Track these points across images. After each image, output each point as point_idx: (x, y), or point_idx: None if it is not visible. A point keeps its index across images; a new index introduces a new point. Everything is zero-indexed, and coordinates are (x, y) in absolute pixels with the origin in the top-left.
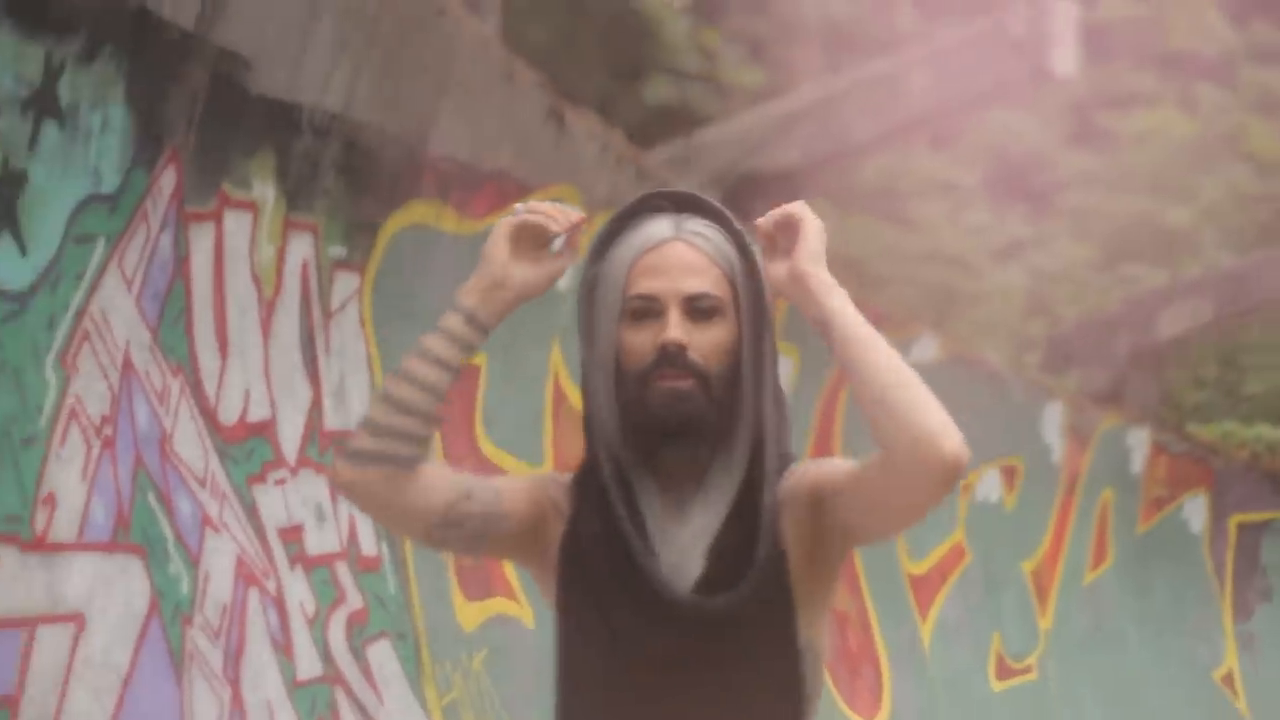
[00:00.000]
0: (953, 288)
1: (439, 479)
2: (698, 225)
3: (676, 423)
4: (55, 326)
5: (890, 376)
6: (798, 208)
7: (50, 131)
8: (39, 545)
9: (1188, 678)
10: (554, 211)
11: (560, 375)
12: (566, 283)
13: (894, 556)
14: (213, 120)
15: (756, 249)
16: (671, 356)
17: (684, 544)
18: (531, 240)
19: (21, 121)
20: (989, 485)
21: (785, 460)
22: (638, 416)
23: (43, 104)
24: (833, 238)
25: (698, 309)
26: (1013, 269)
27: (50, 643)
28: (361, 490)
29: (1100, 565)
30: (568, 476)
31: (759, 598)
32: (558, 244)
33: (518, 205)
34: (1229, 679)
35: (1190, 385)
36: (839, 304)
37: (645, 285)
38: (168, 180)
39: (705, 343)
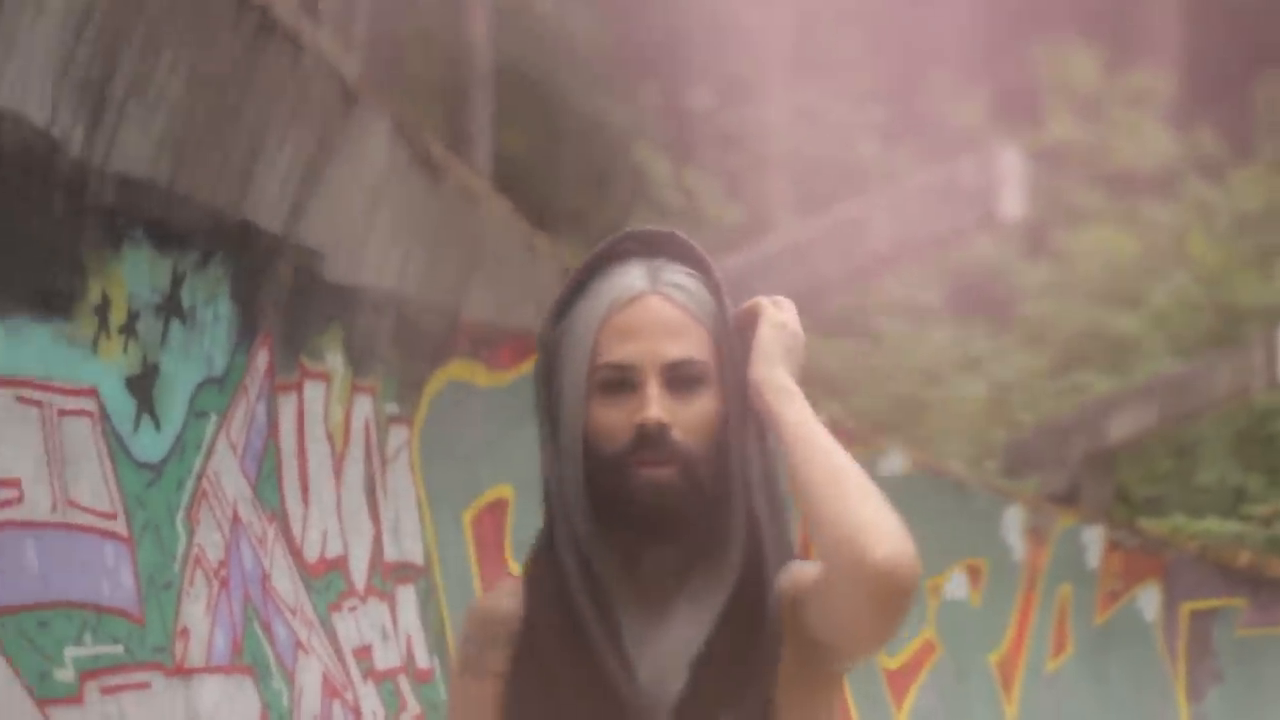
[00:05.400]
0: (919, 398)
1: None
2: (675, 275)
3: (658, 520)
4: (182, 489)
5: (830, 480)
6: (757, 304)
7: (176, 329)
8: (179, 670)
9: None
10: None
11: None
12: None
13: None
14: (294, 306)
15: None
16: (651, 439)
17: (665, 654)
18: None
19: (155, 323)
20: (956, 584)
21: (785, 553)
22: (613, 512)
23: (170, 307)
24: (807, 355)
25: (679, 378)
26: (974, 379)
27: None
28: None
29: (1061, 654)
30: (512, 583)
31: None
32: None
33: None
34: None
35: (1143, 481)
36: (789, 411)
37: (618, 352)
38: (261, 359)
39: (689, 418)
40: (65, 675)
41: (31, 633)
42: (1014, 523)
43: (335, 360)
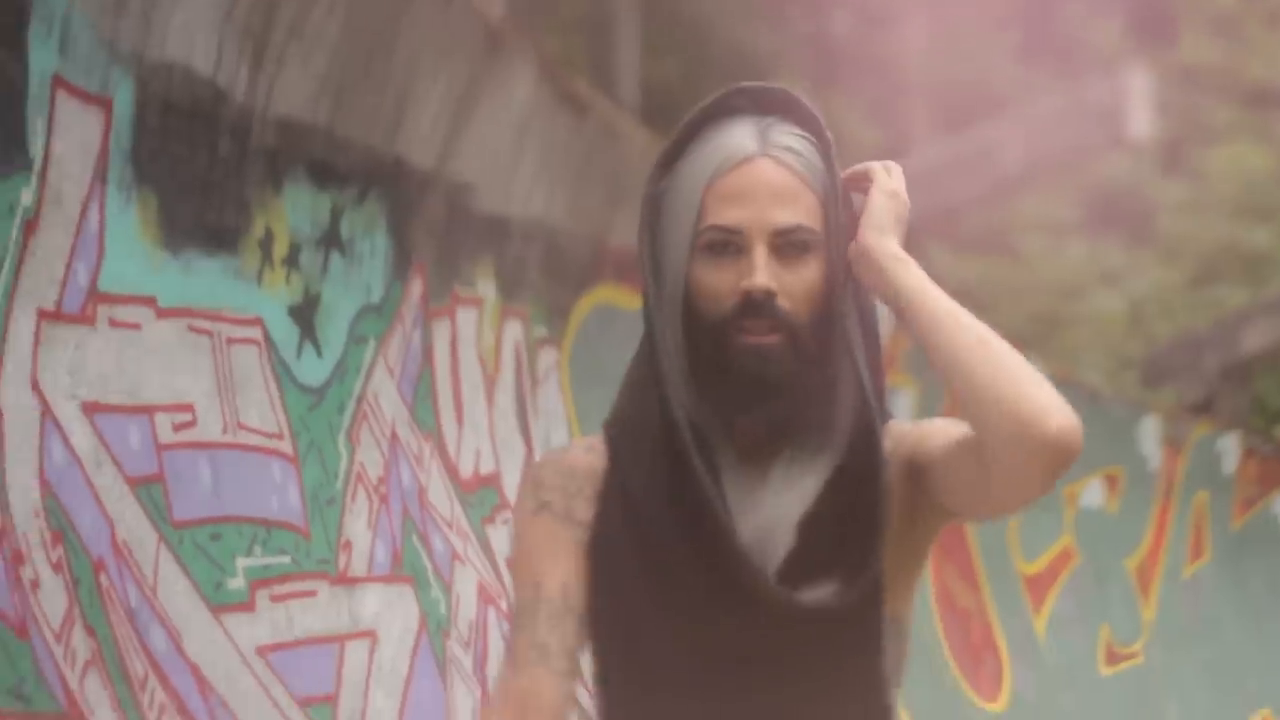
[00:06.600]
0: (1057, 313)
1: None
2: (787, 136)
3: (759, 387)
4: (343, 410)
5: (980, 351)
6: (872, 166)
7: (336, 261)
8: (342, 580)
9: None
10: None
11: None
12: None
13: (1009, 558)
14: (447, 236)
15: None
16: (757, 306)
17: (769, 517)
18: None
19: (316, 255)
20: (1093, 493)
21: (885, 418)
22: (713, 376)
23: (330, 240)
24: (944, 272)
25: (787, 244)
26: (1111, 294)
27: (354, 655)
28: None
29: (1198, 560)
30: (588, 441)
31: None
32: None
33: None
34: None
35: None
36: (910, 279)
37: (726, 214)
38: (416, 288)
39: (796, 286)
40: (237, 584)
41: (206, 545)
42: (1150, 432)
43: (486, 287)
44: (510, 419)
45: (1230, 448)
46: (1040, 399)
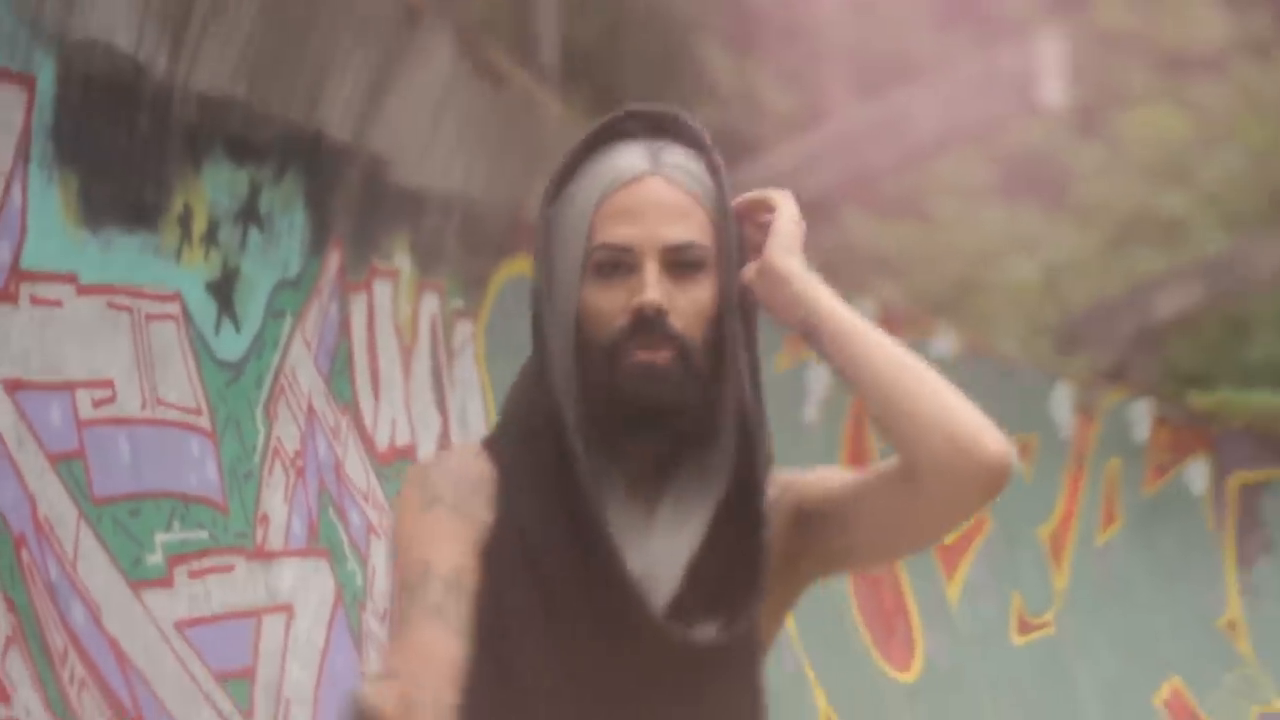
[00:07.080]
0: (972, 279)
1: None
2: (677, 156)
3: (651, 406)
4: (261, 385)
5: (907, 374)
6: (774, 194)
7: (254, 236)
8: (259, 554)
9: (1194, 626)
10: None
11: None
12: None
13: None
14: (365, 210)
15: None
16: (648, 323)
17: (654, 553)
18: None
19: (235, 230)
20: None
21: (768, 462)
22: (603, 396)
23: (249, 216)
24: (860, 237)
25: (679, 262)
26: (1026, 260)
27: (271, 628)
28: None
29: (1110, 527)
30: (473, 448)
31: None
32: None
33: None
34: (1232, 625)
35: (1192, 356)
36: (825, 298)
37: (615, 233)
38: (333, 261)
39: (687, 304)
40: (155, 559)
41: (125, 521)
42: (1062, 399)
43: (403, 260)
44: (427, 391)
45: (1142, 415)
46: (973, 421)
